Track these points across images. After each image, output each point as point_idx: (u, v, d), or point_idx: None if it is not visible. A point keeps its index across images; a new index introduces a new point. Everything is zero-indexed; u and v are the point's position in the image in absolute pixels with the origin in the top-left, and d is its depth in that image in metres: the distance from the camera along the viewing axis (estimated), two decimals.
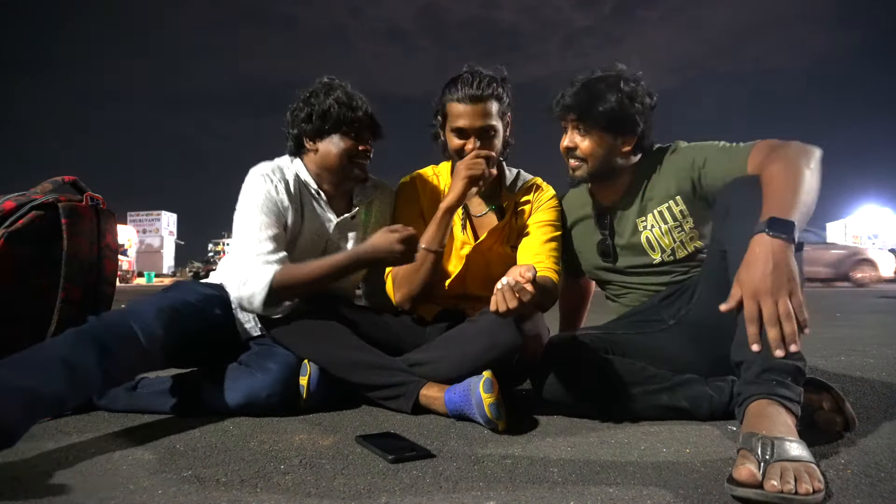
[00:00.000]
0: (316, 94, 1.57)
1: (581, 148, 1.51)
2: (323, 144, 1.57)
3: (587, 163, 1.51)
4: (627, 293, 1.61)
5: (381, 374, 1.41)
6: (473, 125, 1.56)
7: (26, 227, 1.46)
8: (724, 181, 1.32)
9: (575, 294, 1.91)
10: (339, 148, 1.55)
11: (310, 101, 1.56)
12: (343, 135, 1.55)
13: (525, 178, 1.75)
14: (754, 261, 1.00)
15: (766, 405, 1.00)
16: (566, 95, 1.51)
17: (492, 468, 1.01)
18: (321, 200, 1.61)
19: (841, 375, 1.91)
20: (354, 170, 1.58)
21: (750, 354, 1.06)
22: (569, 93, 1.51)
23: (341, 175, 1.59)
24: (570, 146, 1.52)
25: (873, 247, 17.35)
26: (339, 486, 0.93)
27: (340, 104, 1.53)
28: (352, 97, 1.56)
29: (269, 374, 1.38)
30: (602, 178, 1.55)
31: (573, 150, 1.52)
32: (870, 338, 3.05)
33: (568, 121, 1.52)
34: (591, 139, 1.50)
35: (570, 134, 1.52)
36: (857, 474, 0.96)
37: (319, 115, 1.54)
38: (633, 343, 1.45)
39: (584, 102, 1.48)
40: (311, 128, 1.56)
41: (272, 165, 1.59)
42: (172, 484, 0.94)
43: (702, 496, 0.88)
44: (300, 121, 1.57)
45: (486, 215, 1.72)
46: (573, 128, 1.52)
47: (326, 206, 1.61)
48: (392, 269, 1.62)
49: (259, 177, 1.54)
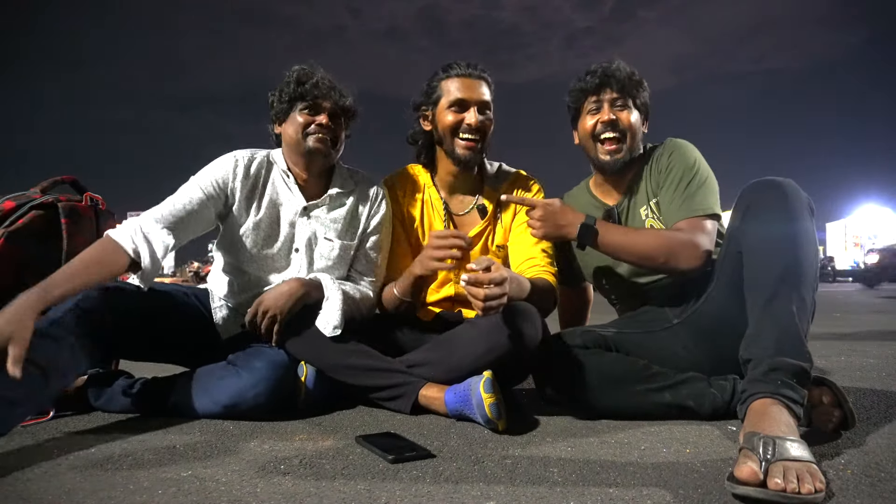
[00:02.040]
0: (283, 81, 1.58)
1: (623, 121, 1.51)
2: (286, 125, 1.58)
3: (626, 140, 1.52)
4: (631, 296, 1.61)
5: (380, 376, 1.40)
6: (474, 97, 1.58)
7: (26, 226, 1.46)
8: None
9: (574, 302, 1.89)
10: (295, 123, 1.55)
11: (278, 88, 1.58)
12: (301, 111, 1.55)
13: (508, 172, 1.74)
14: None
15: (770, 404, 1.01)
16: (603, 74, 1.52)
17: (492, 468, 1.01)
18: (288, 183, 1.59)
19: (841, 375, 1.91)
20: (310, 142, 1.54)
21: (759, 353, 1.07)
22: (603, 70, 1.52)
23: (299, 149, 1.56)
24: (610, 119, 1.51)
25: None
26: (339, 486, 0.93)
27: (297, 83, 1.54)
28: (310, 76, 1.55)
29: (255, 373, 1.37)
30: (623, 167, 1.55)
31: (614, 124, 1.51)
32: (870, 338, 3.05)
33: (605, 98, 1.52)
34: (629, 113, 1.52)
35: (607, 108, 1.52)
36: (857, 474, 0.96)
37: (279, 98, 1.56)
38: (636, 341, 1.45)
39: (625, 77, 1.51)
40: (275, 112, 1.58)
41: (246, 151, 1.61)
42: (172, 484, 0.94)
43: (702, 496, 0.88)
44: (270, 108, 1.60)
45: (468, 214, 1.70)
46: (611, 103, 1.52)
47: (296, 191, 1.59)
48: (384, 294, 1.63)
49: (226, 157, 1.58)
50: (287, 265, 1.58)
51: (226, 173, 1.54)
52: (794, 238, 1.13)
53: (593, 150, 1.56)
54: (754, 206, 1.21)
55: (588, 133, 1.55)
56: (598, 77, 1.52)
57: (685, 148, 1.53)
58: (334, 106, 1.56)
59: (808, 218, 1.16)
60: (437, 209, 1.69)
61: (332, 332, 1.42)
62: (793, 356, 1.05)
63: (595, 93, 1.54)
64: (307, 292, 1.46)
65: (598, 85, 1.52)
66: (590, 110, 1.56)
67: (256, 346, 1.48)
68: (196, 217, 1.49)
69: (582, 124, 1.58)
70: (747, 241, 1.20)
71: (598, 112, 1.54)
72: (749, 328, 1.14)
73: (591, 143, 1.55)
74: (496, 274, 1.23)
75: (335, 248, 1.60)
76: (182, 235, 1.47)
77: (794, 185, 1.20)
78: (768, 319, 1.10)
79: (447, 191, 1.71)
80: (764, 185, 1.22)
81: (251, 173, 1.56)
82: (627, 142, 1.51)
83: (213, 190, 1.51)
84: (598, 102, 1.54)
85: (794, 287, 1.10)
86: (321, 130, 1.54)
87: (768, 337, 1.08)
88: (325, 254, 1.59)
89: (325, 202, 1.61)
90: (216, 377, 1.40)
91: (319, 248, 1.59)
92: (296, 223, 1.58)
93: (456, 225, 1.70)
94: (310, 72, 1.56)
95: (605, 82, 1.52)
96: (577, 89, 1.58)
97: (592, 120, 1.54)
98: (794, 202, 1.16)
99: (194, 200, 1.49)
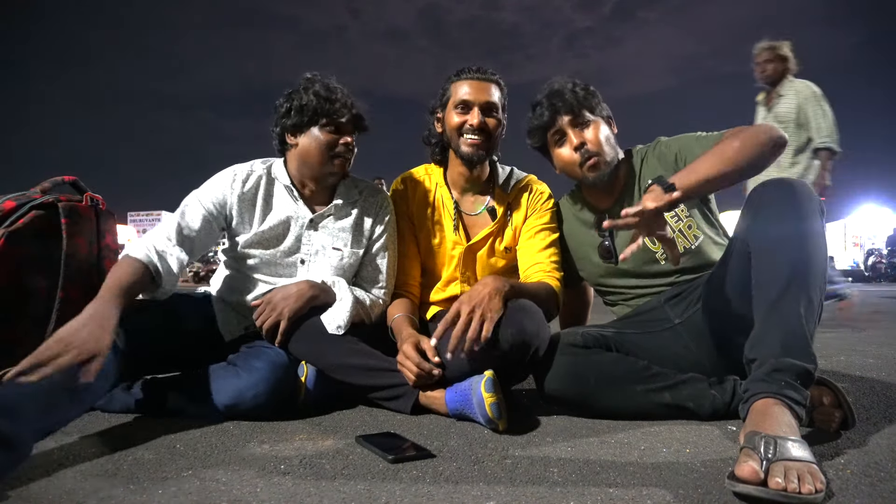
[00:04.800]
0: (297, 89, 1.56)
1: (590, 139, 1.51)
2: (303, 139, 1.55)
3: (601, 154, 1.51)
4: (630, 299, 1.61)
5: (380, 376, 1.40)
6: (478, 98, 1.60)
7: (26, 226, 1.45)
8: None
9: (574, 303, 1.89)
10: (318, 142, 1.53)
11: (291, 97, 1.56)
12: (322, 128, 1.53)
13: (519, 176, 1.75)
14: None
15: (772, 404, 1.01)
16: (550, 105, 1.53)
17: (492, 468, 1.01)
18: (294, 196, 1.59)
19: (841, 375, 1.91)
20: (334, 163, 1.55)
21: (765, 353, 1.07)
22: (549, 99, 1.53)
23: (321, 170, 1.56)
24: (580, 142, 1.51)
25: None
26: (339, 486, 0.93)
27: (319, 97, 1.52)
28: (332, 91, 1.53)
29: (255, 373, 1.36)
30: (611, 173, 1.54)
31: (584, 146, 1.51)
32: (870, 338, 3.05)
33: (563, 124, 1.53)
34: (594, 128, 1.52)
35: (573, 134, 1.53)
36: (857, 474, 0.96)
37: (298, 109, 1.53)
38: (636, 341, 1.45)
39: (569, 98, 1.51)
40: (291, 122, 1.55)
41: (246, 165, 1.60)
42: (172, 484, 0.94)
43: (702, 496, 0.88)
44: (281, 116, 1.57)
45: (479, 215, 1.71)
46: (572, 127, 1.52)
47: (300, 202, 1.58)
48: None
49: (227, 173, 1.56)
50: (293, 274, 1.58)
51: (223, 191, 1.54)
52: (803, 238, 1.13)
53: (578, 174, 1.56)
54: (765, 206, 1.21)
55: (568, 163, 1.56)
56: (547, 108, 1.53)
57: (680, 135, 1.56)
58: (356, 124, 1.56)
59: (818, 219, 1.16)
60: (447, 209, 1.71)
61: (335, 330, 1.43)
62: (798, 357, 1.05)
63: (552, 124, 1.54)
64: (315, 295, 1.47)
65: (550, 116, 1.53)
66: (556, 142, 1.56)
67: (257, 345, 1.48)
68: (203, 233, 1.50)
69: (557, 158, 1.58)
70: (757, 240, 1.20)
71: (564, 142, 1.55)
72: (755, 328, 1.13)
73: (573, 169, 1.56)
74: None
75: (344, 257, 1.60)
76: (193, 250, 1.48)
77: (806, 185, 1.20)
78: (775, 320, 1.10)
79: (459, 191, 1.73)
80: (775, 186, 1.22)
81: (249, 188, 1.56)
82: (604, 155, 1.52)
83: (214, 208, 1.52)
84: (560, 132, 1.54)
85: (802, 288, 1.10)
86: (347, 152, 1.55)
87: (774, 337, 1.08)
88: (335, 263, 1.59)
89: (331, 212, 1.62)
90: (216, 377, 1.40)
91: (328, 258, 1.59)
92: (302, 236, 1.59)
93: (466, 225, 1.71)
94: (332, 86, 1.55)
95: (554, 111, 1.52)
96: (535, 128, 1.58)
97: (565, 151, 1.55)
98: (805, 203, 1.16)
99: (197, 218, 1.50)
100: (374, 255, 1.66)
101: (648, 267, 1.54)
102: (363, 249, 1.64)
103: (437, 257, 1.70)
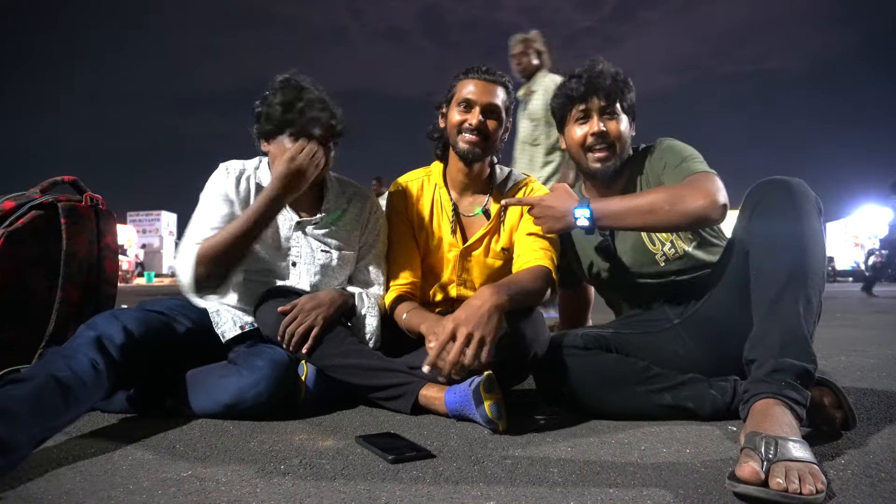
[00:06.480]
0: (268, 94, 1.52)
1: (612, 131, 1.47)
2: (273, 147, 1.52)
3: (616, 149, 1.49)
4: (630, 298, 1.61)
5: (380, 376, 1.40)
6: (481, 99, 1.60)
7: (26, 226, 1.46)
8: None
9: (575, 303, 1.89)
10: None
11: (264, 101, 1.52)
12: (290, 136, 1.48)
13: (517, 177, 1.75)
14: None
15: (773, 404, 1.01)
16: (589, 80, 1.47)
17: (492, 468, 1.01)
18: None
19: (841, 375, 1.91)
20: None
21: (764, 353, 1.07)
22: (589, 76, 1.48)
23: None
24: (600, 131, 1.47)
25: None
26: (339, 486, 0.93)
27: (284, 106, 1.47)
28: (301, 98, 1.48)
29: (256, 371, 1.36)
30: (617, 172, 1.53)
31: (603, 136, 1.47)
32: (870, 338, 3.05)
33: (592, 106, 1.48)
34: (619, 122, 1.49)
35: (596, 120, 1.48)
36: (857, 474, 0.96)
37: (265, 117, 1.50)
38: (636, 342, 1.45)
39: (609, 84, 1.47)
40: (261, 129, 1.53)
41: (237, 162, 1.60)
42: (172, 484, 0.94)
43: (702, 496, 0.88)
44: (254, 121, 1.55)
45: (476, 217, 1.71)
46: (599, 112, 1.48)
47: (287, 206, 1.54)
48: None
49: (219, 170, 1.56)
50: (286, 276, 1.58)
51: (224, 184, 1.53)
52: (801, 238, 1.13)
53: (583, 159, 1.53)
54: (762, 206, 1.21)
55: (577, 143, 1.52)
56: (584, 84, 1.48)
57: (678, 145, 1.52)
58: (325, 131, 1.49)
59: (817, 218, 1.16)
60: (445, 210, 1.71)
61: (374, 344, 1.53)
62: (797, 357, 1.05)
63: (582, 101, 1.49)
64: (345, 301, 1.51)
65: (584, 93, 1.48)
66: (577, 119, 1.52)
67: (258, 345, 1.48)
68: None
69: (570, 133, 1.54)
70: (755, 240, 1.20)
71: (585, 122, 1.50)
72: (754, 328, 1.13)
73: (581, 152, 1.52)
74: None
75: (334, 259, 1.60)
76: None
77: (803, 184, 1.20)
78: (774, 320, 1.10)
79: (458, 191, 1.73)
80: (772, 185, 1.21)
81: (241, 185, 1.55)
82: (617, 150, 1.49)
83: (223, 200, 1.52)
84: (586, 111, 1.50)
85: (800, 287, 1.10)
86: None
87: (773, 337, 1.08)
88: (325, 263, 1.59)
89: (318, 216, 1.61)
90: (216, 376, 1.40)
91: (317, 259, 1.59)
92: (290, 238, 1.58)
93: (463, 226, 1.71)
94: (298, 93, 1.48)
95: (591, 90, 1.47)
96: (562, 95, 1.53)
97: (581, 131, 1.50)
98: (803, 202, 1.16)
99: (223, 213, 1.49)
100: (369, 261, 1.67)
101: (648, 267, 1.54)
102: (353, 251, 1.65)
103: (434, 259, 1.70)
